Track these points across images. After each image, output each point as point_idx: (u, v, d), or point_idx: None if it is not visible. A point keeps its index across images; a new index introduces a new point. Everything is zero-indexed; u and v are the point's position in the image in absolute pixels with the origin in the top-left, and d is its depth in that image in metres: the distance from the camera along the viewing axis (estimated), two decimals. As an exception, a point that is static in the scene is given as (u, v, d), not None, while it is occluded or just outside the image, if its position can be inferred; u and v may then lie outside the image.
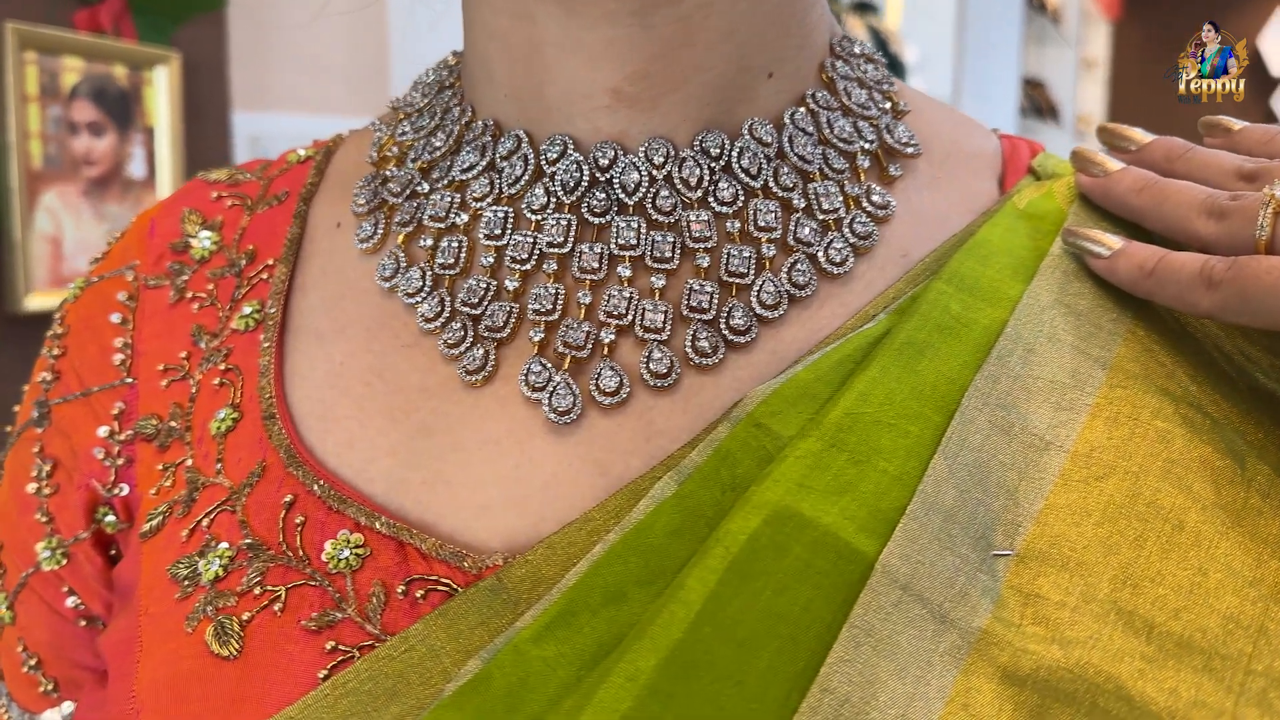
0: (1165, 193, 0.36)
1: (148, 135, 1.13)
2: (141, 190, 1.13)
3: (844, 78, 0.38)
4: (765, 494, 0.30)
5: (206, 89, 1.19)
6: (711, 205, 0.35)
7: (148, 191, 1.14)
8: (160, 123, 1.14)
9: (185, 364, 0.39)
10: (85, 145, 1.09)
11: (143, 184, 1.13)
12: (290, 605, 0.32)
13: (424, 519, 0.33)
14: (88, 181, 1.09)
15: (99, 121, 1.09)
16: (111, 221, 1.10)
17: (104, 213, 1.09)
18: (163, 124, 1.14)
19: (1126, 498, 0.31)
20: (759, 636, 0.28)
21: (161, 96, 1.13)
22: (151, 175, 1.14)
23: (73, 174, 1.07)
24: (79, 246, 1.07)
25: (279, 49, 1.41)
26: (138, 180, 1.13)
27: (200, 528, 0.35)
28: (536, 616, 0.29)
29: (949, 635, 0.28)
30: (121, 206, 1.11)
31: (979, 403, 0.32)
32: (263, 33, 1.35)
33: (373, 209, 0.39)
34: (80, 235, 1.07)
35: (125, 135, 1.11)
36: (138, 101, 1.11)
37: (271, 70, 1.40)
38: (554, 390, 0.33)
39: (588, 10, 0.33)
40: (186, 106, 1.17)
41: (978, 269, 0.36)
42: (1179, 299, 0.33)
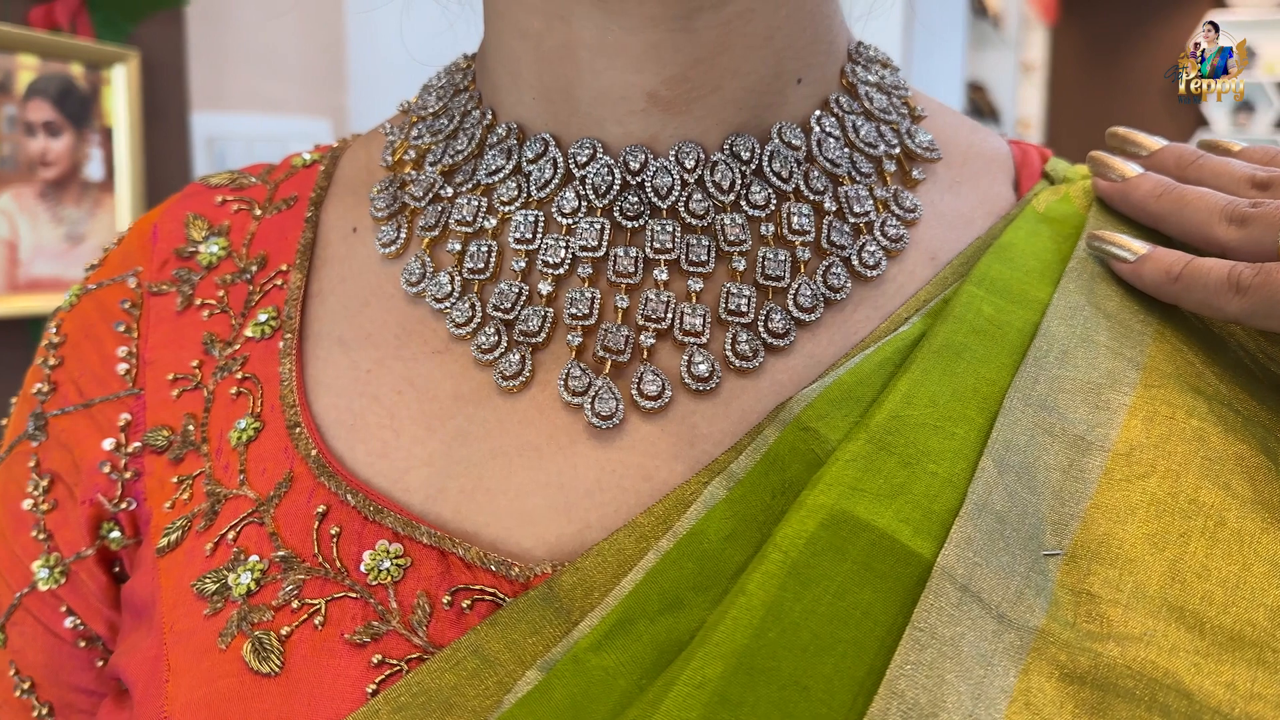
0: (1185, 198, 0.36)
1: (105, 136, 1.10)
2: (100, 192, 1.10)
3: (864, 83, 0.39)
4: (819, 498, 0.30)
5: (165, 89, 1.17)
6: (744, 209, 0.35)
7: (106, 194, 1.11)
8: (119, 123, 1.11)
9: (197, 373, 0.38)
10: (41, 146, 1.06)
11: (101, 186, 1.10)
12: (331, 619, 0.31)
13: (464, 528, 0.32)
14: (44, 183, 1.06)
15: (55, 122, 1.06)
16: (69, 225, 1.07)
17: (61, 215, 1.06)
18: (121, 124, 1.11)
19: (1169, 495, 0.32)
20: (822, 641, 0.27)
21: (120, 96, 1.10)
22: (110, 177, 1.11)
23: (29, 175, 1.04)
24: (36, 251, 1.03)
25: (235, 49, 1.39)
26: (95, 182, 1.10)
27: (225, 541, 0.34)
28: (595, 625, 0.29)
29: (1008, 635, 0.29)
30: (79, 209, 1.08)
31: (1021, 404, 0.33)
32: (220, 32, 1.32)
33: (393, 213, 0.38)
34: (37, 239, 1.04)
35: (82, 136, 1.08)
36: (95, 101, 1.08)
37: (228, 70, 1.37)
38: (596, 395, 0.33)
39: (630, 13, 0.32)
40: (145, 107, 1.14)
41: (1006, 272, 0.37)
42: (1205, 304, 0.34)
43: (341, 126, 1.59)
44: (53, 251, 1.07)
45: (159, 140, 1.17)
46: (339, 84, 1.59)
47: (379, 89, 1.62)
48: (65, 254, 1.08)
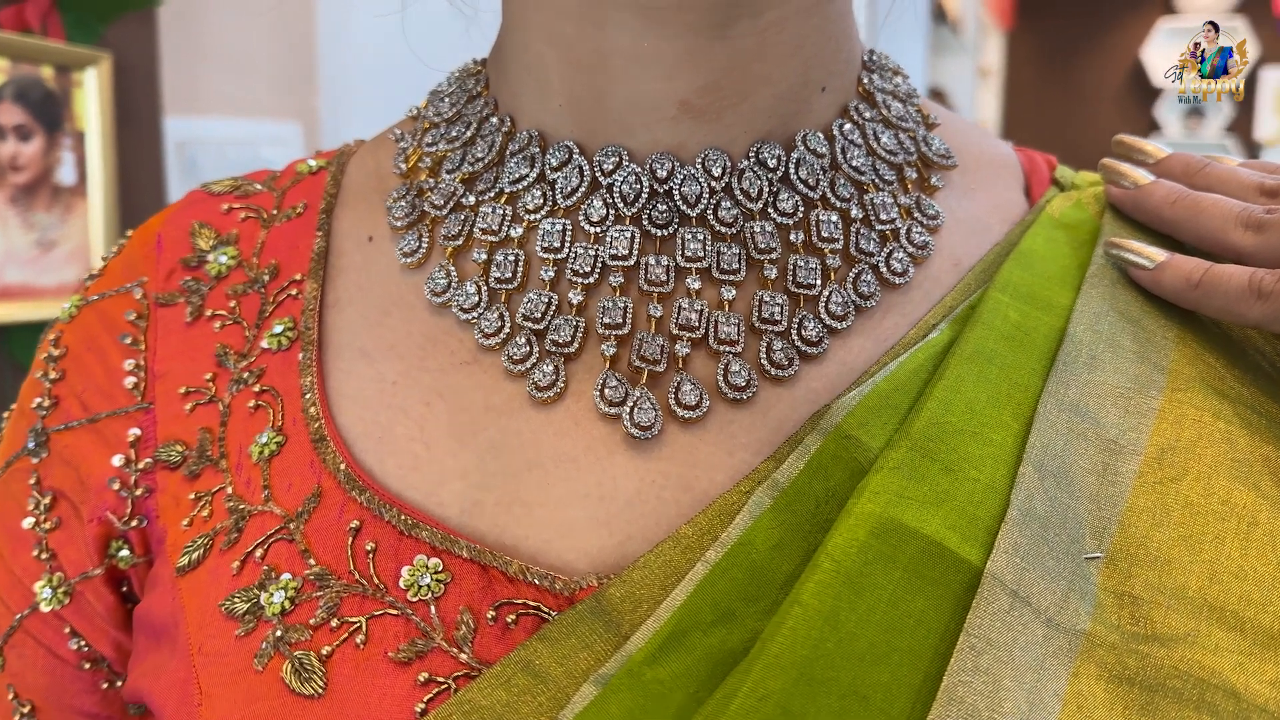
0: (1199, 204, 0.37)
1: (77, 140, 1.08)
2: (71, 197, 1.08)
3: (881, 90, 0.39)
4: (867, 505, 0.30)
5: (137, 92, 1.15)
6: (772, 216, 0.35)
7: (78, 199, 1.09)
8: (91, 127, 1.09)
9: (211, 386, 0.37)
10: (11, 150, 1.04)
11: (72, 190, 1.08)
12: (373, 637, 0.31)
13: (503, 541, 0.32)
14: (14, 188, 1.04)
15: (26, 125, 1.03)
16: (40, 230, 1.04)
17: (32, 221, 1.04)
18: (93, 128, 1.09)
19: (1201, 497, 0.32)
20: (878, 650, 0.28)
21: (92, 99, 1.08)
22: (82, 181, 1.09)
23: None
24: (7, 257, 1.01)
25: (207, 51, 1.37)
26: (67, 187, 1.08)
27: (253, 559, 0.33)
28: (648, 638, 0.29)
29: (1057, 639, 0.29)
30: (50, 214, 1.05)
31: (1055, 409, 0.33)
32: (191, 34, 1.30)
33: (413, 222, 0.38)
34: (7, 245, 1.02)
35: (54, 140, 1.06)
36: (67, 104, 1.06)
37: (199, 73, 1.35)
38: (635, 405, 0.33)
39: (669, 21, 0.32)
40: (118, 110, 1.12)
41: (1028, 278, 0.37)
42: (1226, 310, 0.34)
43: (312, 129, 1.57)
44: (23, 258, 1.05)
45: (131, 144, 1.15)
46: (310, 87, 1.58)
47: (350, 91, 1.60)
48: (36, 260, 1.06)
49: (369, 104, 1.62)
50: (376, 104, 1.70)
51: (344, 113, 1.63)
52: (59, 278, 1.07)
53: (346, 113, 1.63)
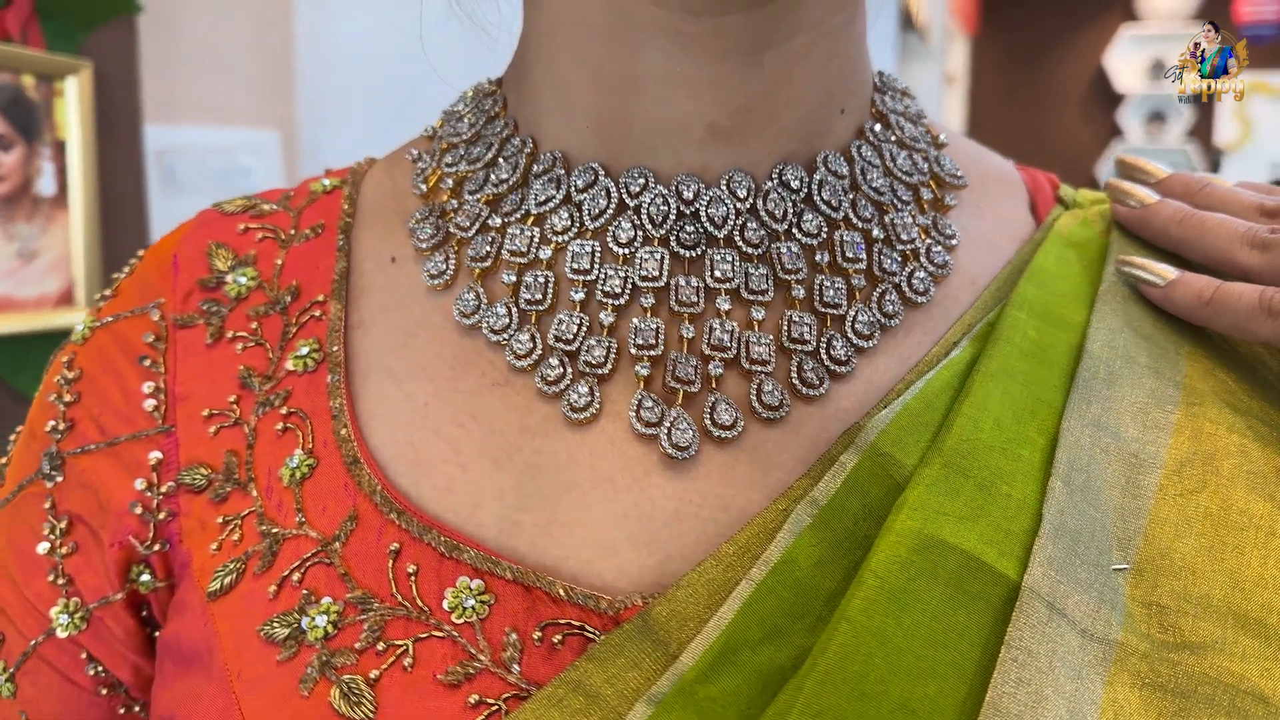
0: (1205, 224, 0.38)
1: (58, 149, 1.07)
2: (52, 208, 1.07)
3: (894, 111, 0.40)
4: (906, 522, 0.30)
5: (118, 100, 1.14)
6: (797, 237, 0.36)
7: (59, 209, 1.07)
8: (72, 136, 1.07)
9: (236, 408, 0.36)
10: (-9, 160, 1.02)
11: (53, 201, 1.07)
12: (420, 659, 0.31)
13: (543, 562, 0.32)
14: (-6, 199, 1.02)
15: (6, 135, 1.02)
16: (21, 241, 1.03)
17: (12, 232, 1.03)
18: (74, 137, 1.07)
19: (1220, 508, 0.33)
20: (924, 664, 0.28)
21: (73, 108, 1.07)
22: (62, 192, 1.08)
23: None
24: (-13, 268, 1.00)
25: (186, 59, 1.36)
26: (47, 197, 1.06)
27: (290, 583, 0.33)
28: (699, 656, 0.29)
29: (1092, 649, 0.30)
30: (31, 225, 1.04)
31: (1078, 425, 0.34)
32: (171, 41, 1.29)
33: (438, 244, 0.38)
34: (-12, 256, 1.00)
35: (33, 149, 1.05)
36: (47, 114, 1.05)
37: (178, 81, 1.34)
38: (672, 425, 0.33)
39: (702, 46, 0.33)
40: (99, 119, 1.11)
41: (1042, 296, 0.38)
42: (1237, 327, 0.35)
43: (291, 138, 1.56)
44: (3, 270, 1.04)
45: (112, 153, 1.13)
46: (288, 95, 1.57)
47: (329, 100, 1.59)
48: (16, 272, 1.05)
49: (348, 112, 1.61)
50: (355, 112, 1.69)
51: (323, 121, 1.62)
52: (39, 289, 1.06)
53: (325, 121, 1.62)
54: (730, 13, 0.32)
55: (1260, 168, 5.62)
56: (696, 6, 0.32)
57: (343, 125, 1.66)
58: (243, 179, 1.48)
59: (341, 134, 1.66)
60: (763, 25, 0.33)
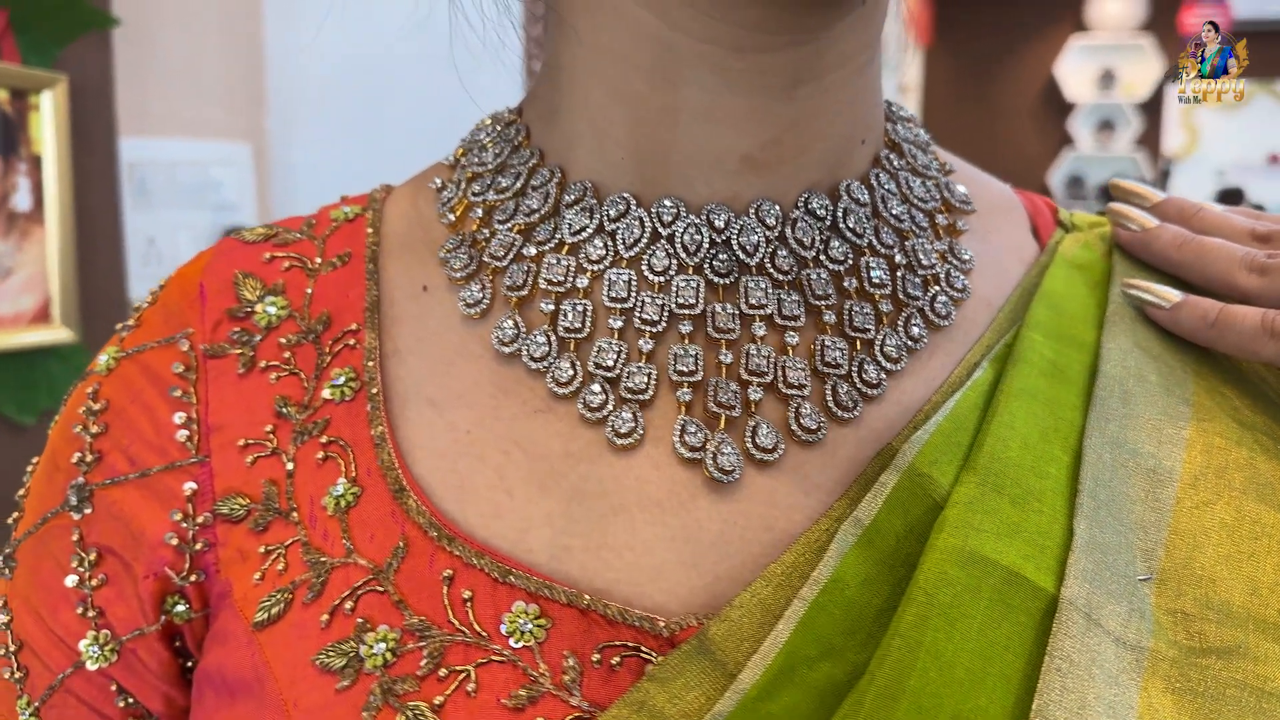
0: (1204, 248, 0.40)
1: (33, 164, 1.06)
2: (27, 223, 1.05)
3: (906, 140, 0.41)
4: (949, 540, 0.31)
5: (93, 115, 1.12)
6: (825, 264, 0.37)
7: (34, 225, 1.06)
8: (47, 151, 1.06)
9: (272, 438, 0.37)
10: (-34, 176, 1.01)
11: (28, 217, 1.05)
12: (483, 684, 0.31)
13: (594, 585, 0.33)
14: (-31, 215, 1.01)
15: (-19, 150, 1.01)
16: (-3, 258, 1.02)
17: (-12, 248, 1.01)
18: (49, 152, 1.06)
19: (1234, 519, 0.35)
20: (975, 675, 0.29)
21: (48, 122, 1.05)
22: (38, 207, 1.06)
23: (-46, 207, 0.99)
24: (-37, 286, 0.98)
25: (157, 73, 1.35)
26: (23, 213, 1.05)
27: (342, 611, 0.33)
28: (759, 674, 0.30)
29: (1126, 656, 0.31)
30: (7, 242, 1.03)
31: (1099, 443, 0.35)
32: (143, 55, 1.28)
33: (473, 273, 0.38)
34: (-37, 273, 0.99)
35: (9, 164, 1.03)
36: (22, 128, 1.04)
37: (150, 95, 1.33)
38: (716, 450, 0.34)
39: (744, 81, 0.34)
40: (74, 133, 1.10)
41: (1054, 317, 0.39)
42: (1240, 347, 0.37)
43: (262, 150, 1.55)
44: (-22, 286, 1.02)
45: (87, 168, 1.12)
46: (259, 107, 1.56)
47: (299, 112, 1.59)
48: (-8, 288, 1.03)
49: (318, 125, 1.60)
50: (326, 125, 1.68)
51: (293, 133, 1.61)
52: (14, 306, 1.04)
53: (296, 134, 1.61)
54: (776, 50, 0.33)
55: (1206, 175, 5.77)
56: (745, 43, 0.33)
57: (313, 138, 1.65)
58: (214, 192, 1.46)
59: (312, 147, 1.64)
60: (801, 61, 0.34)
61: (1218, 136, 5.87)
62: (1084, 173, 6.06)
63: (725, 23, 0.33)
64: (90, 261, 1.12)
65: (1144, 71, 5.93)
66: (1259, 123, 5.75)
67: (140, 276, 1.28)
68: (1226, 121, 5.87)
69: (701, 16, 0.33)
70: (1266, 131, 5.72)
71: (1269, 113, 5.76)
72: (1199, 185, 5.59)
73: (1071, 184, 5.98)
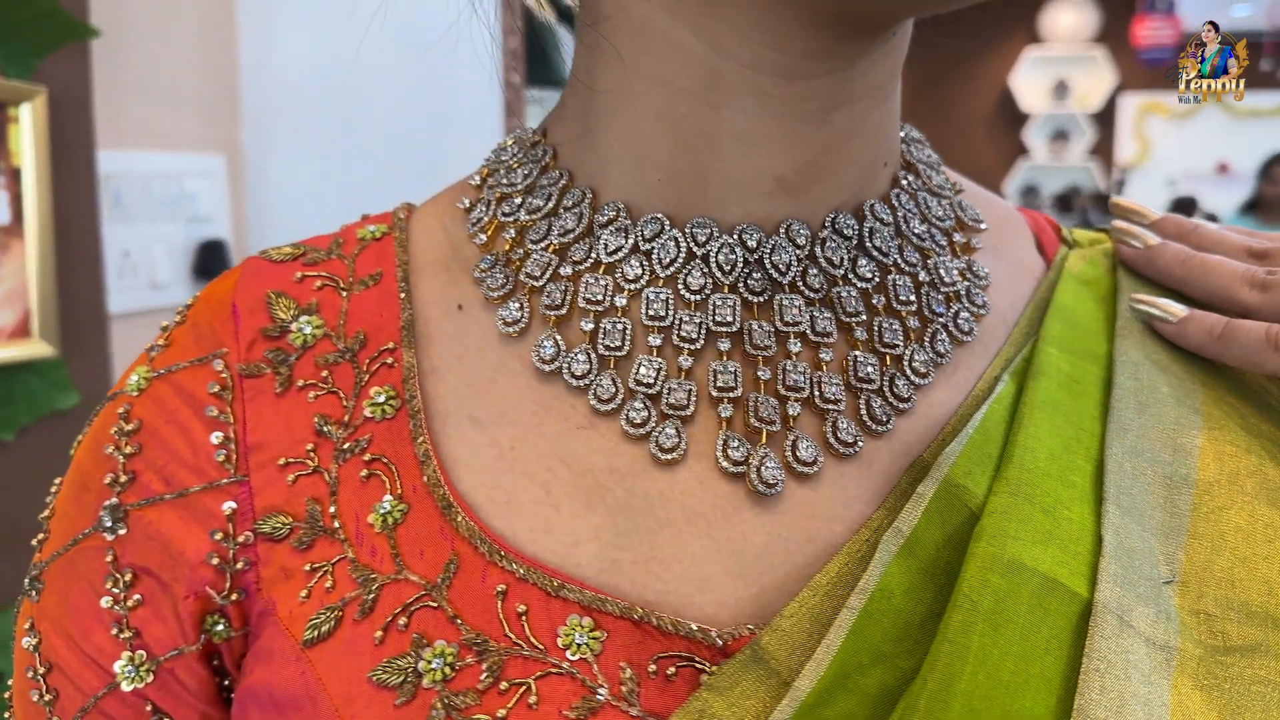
0: (1207, 265, 0.41)
1: (12, 177, 1.04)
2: (7, 237, 1.04)
3: (920, 161, 0.42)
4: (987, 548, 0.33)
5: (72, 127, 1.11)
6: (853, 282, 0.38)
7: (14, 238, 1.05)
8: (26, 163, 1.05)
9: (313, 456, 0.37)
10: (-55, 189, 0.99)
11: (7, 230, 1.04)
12: (544, 696, 0.32)
13: (645, 597, 0.34)
14: (-52, 229, 1.00)
15: (-40, 163, 1.00)
16: (-24, 272, 1.00)
17: (-33, 263, 1.00)
18: (29, 164, 1.05)
19: (1248, 522, 0.36)
20: (1019, 678, 0.30)
21: (27, 135, 1.04)
22: (18, 220, 1.05)
23: (-66, 221, 0.97)
24: (-58, 301, 0.97)
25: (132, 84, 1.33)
26: (1, 226, 1.04)
27: (396, 627, 0.34)
28: (815, 681, 0.31)
29: (1156, 655, 0.32)
30: (-15, 255, 1.01)
31: (1119, 452, 0.37)
32: (118, 67, 1.27)
33: (509, 292, 0.39)
34: (-58, 288, 0.98)
35: (-12, 177, 1.02)
36: (1, 141, 1.03)
37: (124, 106, 1.32)
38: (760, 463, 0.35)
39: (785, 106, 0.35)
40: (53, 145, 1.08)
41: (1068, 331, 0.41)
42: (1245, 360, 0.39)
43: (236, 162, 1.54)
44: (-43, 301, 1.01)
45: (66, 181, 1.11)
46: (233, 119, 1.55)
47: (273, 124, 1.58)
48: (-30, 303, 1.02)
49: (293, 137, 1.60)
50: (300, 137, 1.68)
51: (268, 145, 1.60)
52: (-7, 320, 1.03)
53: (270, 145, 1.60)
54: (816, 76, 0.34)
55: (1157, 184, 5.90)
56: (790, 70, 0.34)
57: (288, 150, 1.64)
58: (189, 204, 1.45)
59: (286, 159, 1.64)
60: (837, 88, 0.35)
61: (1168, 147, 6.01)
62: (1038, 182, 6.17)
63: (774, 50, 0.34)
64: (70, 276, 1.10)
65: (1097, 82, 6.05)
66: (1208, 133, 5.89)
67: (116, 290, 1.27)
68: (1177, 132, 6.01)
69: (752, 44, 0.34)
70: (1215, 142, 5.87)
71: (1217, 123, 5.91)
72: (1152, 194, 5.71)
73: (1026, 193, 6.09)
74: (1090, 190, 5.87)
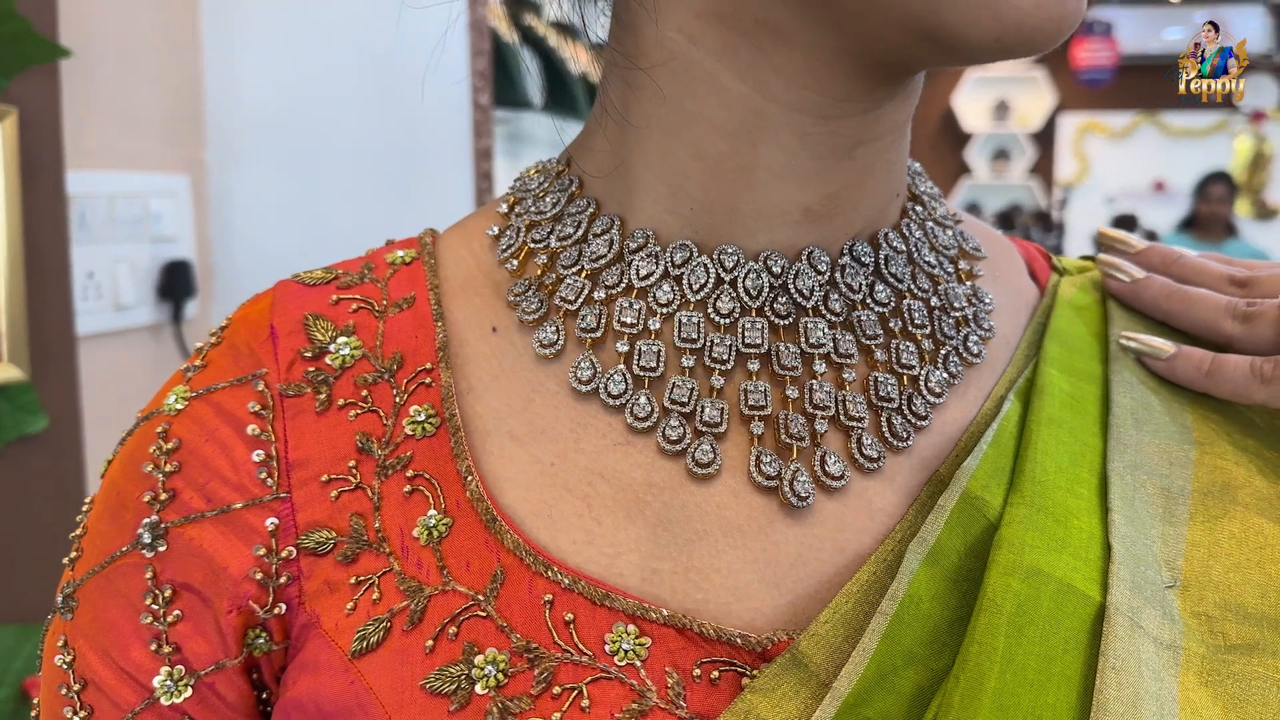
0: (1190, 298, 0.44)
1: (-18, 198, 1.03)
2: (-23, 259, 1.03)
3: (925, 193, 0.45)
4: (1007, 556, 0.35)
5: (40, 147, 1.10)
6: (872, 306, 0.40)
7: (-16, 260, 1.03)
8: (-2, 185, 1.04)
9: (355, 473, 0.38)
10: (-85, 211, 0.98)
11: (-23, 252, 1.03)
12: (595, 700, 0.33)
13: (685, 606, 0.35)
14: (-82, 251, 0.98)
15: (-70, 184, 0.98)
16: (-54, 295, 0.99)
17: (-64, 285, 0.99)
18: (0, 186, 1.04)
19: (1242, 530, 0.39)
20: (1043, 676, 0.33)
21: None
22: (-12, 242, 1.04)
23: (-96, 243, 0.96)
24: (-87, 324, 0.96)
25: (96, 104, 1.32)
26: (-29, 248, 1.02)
27: (446, 636, 0.35)
28: (854, 682, 0.33)
29: (1164, 654, 0.35)
30: (-45, 278, 1.00)
31: (1121, 466, 0.39)
32: (84, 87, 1.26)
33: (544, 315, 0.40)
34: (-88, 311, 0.96)
35: (-43, 199, 1.01)
36: (-29, 162, 1.02)
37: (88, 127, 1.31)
38: (793, 478, 0.37)
39: (818, 143, 0.37)
40: (23, 165, 1.08)
41: (1066, 354, 0.44)
42: (1234, 394, 0.42)
43: (200, 182, 1.53)
44: (-74, 324, 0.99)
45: (35, 201, 1.10)
46: (197, 139, 1.54)
47: (237, 144, 1.57)
48: (-61, 326, 1.01)
49: (257, 157, 1.59)
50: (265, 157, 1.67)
51: (232, 166, 1.60)
52: (-38, 343, 1.01)
53: (234, 165, 1.60)
54: (849, 116, 0.37)
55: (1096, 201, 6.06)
56: (828, 111, 0.36)
57: (252, 170, 1.64)
58: (153, 224, 1.44)
59: (251, 179, 1.63)
60: (864, 126, 0.37)
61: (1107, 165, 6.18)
62: (981, 200, 6.30)
63: (816, 93, 0.36)
64: (39, 298, 1.09)
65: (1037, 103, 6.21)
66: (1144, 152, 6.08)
67: (82, 311, 1.25)
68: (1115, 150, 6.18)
69: (795, 88, 0.36)
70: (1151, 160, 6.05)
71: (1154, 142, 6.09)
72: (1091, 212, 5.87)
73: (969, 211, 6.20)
74: (1031, 208, 6.02)
